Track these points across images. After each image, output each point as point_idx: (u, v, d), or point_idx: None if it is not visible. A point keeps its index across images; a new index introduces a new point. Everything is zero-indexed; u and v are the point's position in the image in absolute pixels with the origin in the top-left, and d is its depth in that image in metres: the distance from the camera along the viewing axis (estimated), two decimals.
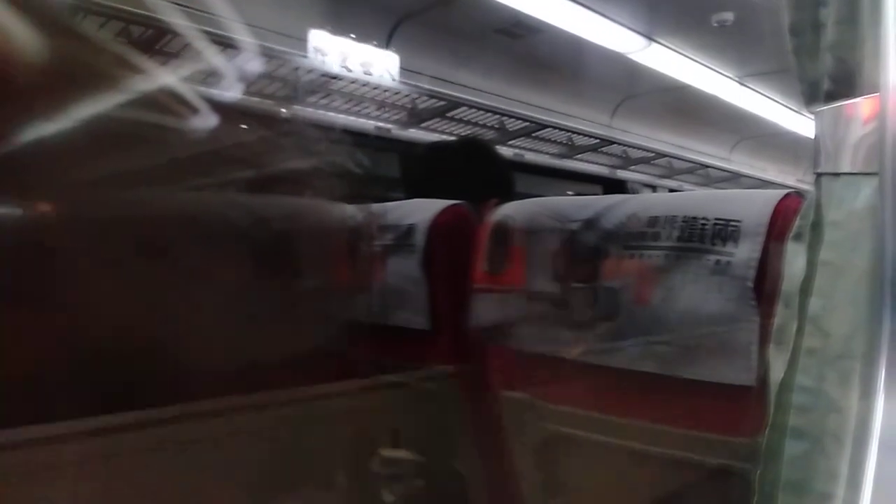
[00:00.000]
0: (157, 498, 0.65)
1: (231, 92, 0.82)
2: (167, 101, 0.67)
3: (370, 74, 2.17)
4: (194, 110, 0.69)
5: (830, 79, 0.51)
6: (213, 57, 0.89)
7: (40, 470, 0.60)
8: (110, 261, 0.63)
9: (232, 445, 0.73)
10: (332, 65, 1.94)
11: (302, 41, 2.14)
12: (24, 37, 0.58)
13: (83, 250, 0.62)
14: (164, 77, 0.75)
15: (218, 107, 0.71)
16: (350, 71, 2.05)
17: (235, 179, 0.76)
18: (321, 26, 2.20)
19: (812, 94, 0.54)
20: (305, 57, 2.08)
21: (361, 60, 2.15)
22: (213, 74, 0.84)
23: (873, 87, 0.47)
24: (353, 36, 2.21)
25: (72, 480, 0.61)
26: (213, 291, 0.71)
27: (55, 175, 0.61)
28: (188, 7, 0.88)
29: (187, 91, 0.69)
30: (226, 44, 0.99)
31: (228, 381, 0.69)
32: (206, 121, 0.69)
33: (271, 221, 0.79)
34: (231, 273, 0.74)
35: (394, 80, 2.28)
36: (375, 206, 1.22)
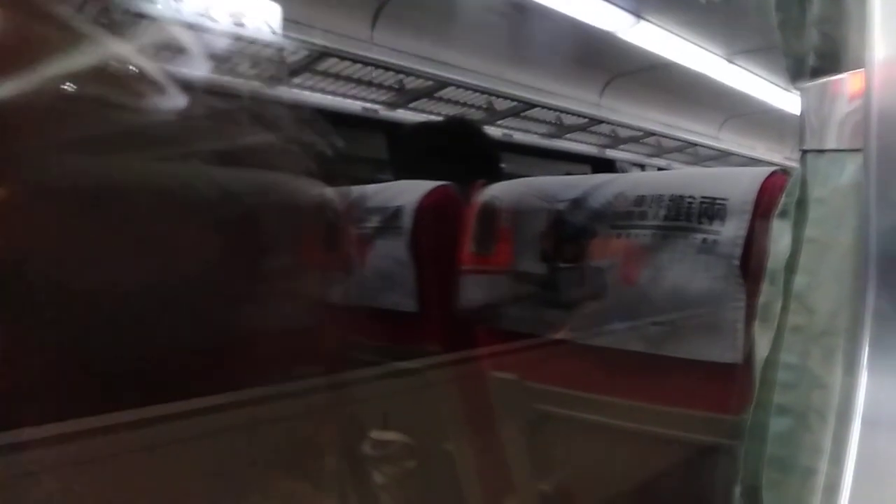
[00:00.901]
0: (143, 497, 0.65)
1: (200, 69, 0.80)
2: (121, 73, 0.66)
3: (241, 26, 1.84)
4: (150, 82, 0.68)
5: (816, 54, 0.51)
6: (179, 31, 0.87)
7: (31, 473, 0.59)
8: (73, 230, 0.62)
9: (221, 439, 0.72)
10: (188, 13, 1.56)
11: None
12: None
13: (43, 220, 0.60)
14: (118, 47, 0.73)
15: (175, 79, 0.69)
16: (214, 21, 1.68)
17: (198, 151, 0.74)
18: None
19: (797, 70, 0.53)
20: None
21: (231, 10, 1.78)
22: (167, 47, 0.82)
23: (858, 63, 0.47)
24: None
25: (63, 482, 0.61)
26: (181, 263, 0.70)
27: (10, 144, 0.60)
28: None
29: (142, 62, 0.68)
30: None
31: (194, 357, 0.68)
32: (162, 92, 0.68)
33: (238, 195, 0.77)
34: (198, 245, 0.72)
35: (275, 33, 1.96)
36: (356, 188, 1.21)
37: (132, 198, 0.66)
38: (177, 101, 0.69)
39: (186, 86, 0.70)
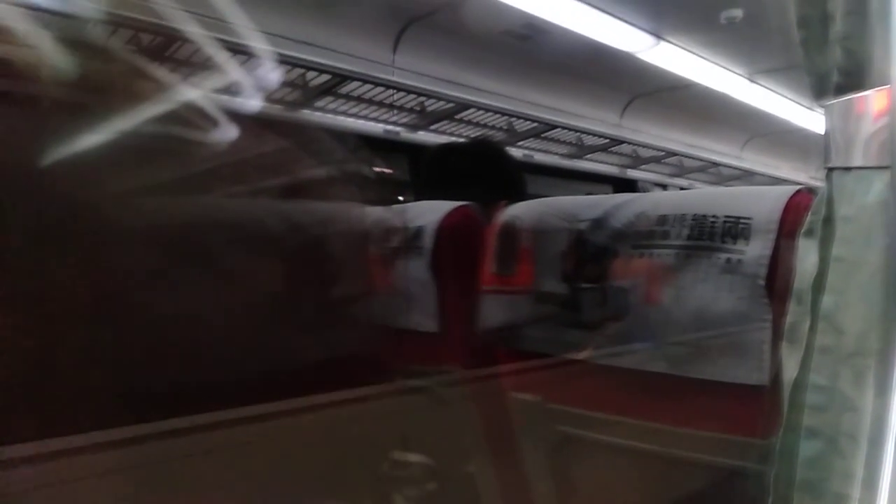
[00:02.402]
0: None
1: (250, 100, 0.82)
2: (189, 113, 0.68)
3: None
4: (216, 121, 0.69)
5: (840, 72, 0.50)
6: (230, 65, 0.89)
7: (56, 484, 0.60)
8: (155, 269, 0.64)
9: (257, 452, 0.73)
10: None
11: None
12: (51, 53, 0.59)
13: (127, 260, 0.63)
14: (185, 89, 0.76)
15: (238, 116, 0.71)
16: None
17: (265, 187, 0.77)
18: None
19: (821, 88, 0.53)
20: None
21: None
22: (231, 83, 0.85)
23: (883, 80, 0.47)
24: None
25: (93, 493, 0.61)
26: (254, 296, 0.72)
27: (90, 188, 0.62)
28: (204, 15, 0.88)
29: (208, 102, 0.70)
30: (238, 51, 0.99)
31: (266, 386, 0.70)
32: (228, 131, 0.69)
33: (305, 226, 0.79)
34: (270, 278, 0.74)
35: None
36: (388, 209, 1.23)
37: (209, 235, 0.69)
38: (238, 137, 0.71)
39: (247, 122, 0.72)
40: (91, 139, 0.61)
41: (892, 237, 0.45)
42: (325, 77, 2.15)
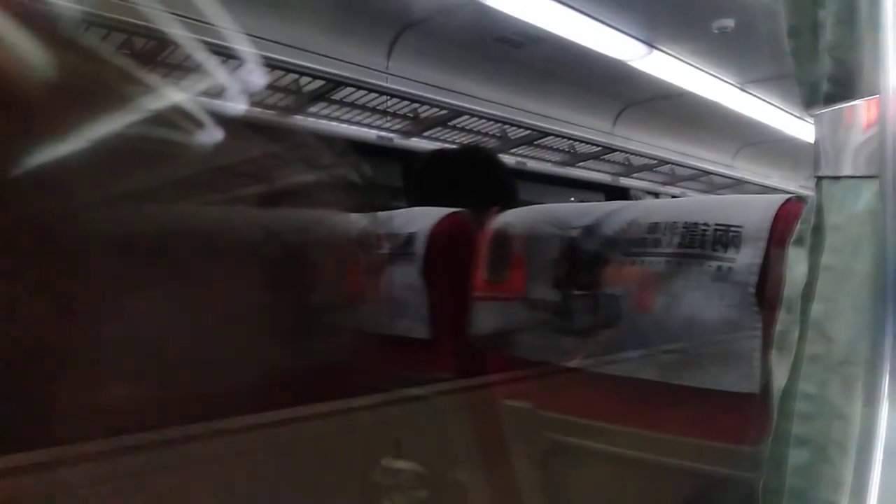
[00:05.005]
0: None
1: (237, 104, 0.82)
2: (174, 116, 0.67)
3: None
4: (201, 125, 0.69)
5: (829, 81, 0.51)
6: (218, 69, 0.89)
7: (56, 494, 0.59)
8: (128, 277, 0.63)
9: (241, 464, 0.72)
10: None
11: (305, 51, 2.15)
12: (31, 53, 0.58)
13: (101, 266, 0.62)
14: (170, 92, 0.75)
15: (224, 120, 0.71)
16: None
17: (245, 194, 0.76)
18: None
19: (811, 97, 0.53)
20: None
21: None
22: (218, 87, 0.84)
23: (873, 89, 0.47)
24: None
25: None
26: (232, 305, 0.71)
27: (66, 193, 0.61)
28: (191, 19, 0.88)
29: (193, 105, 0.69)
30: (228, 55, 0.99)
31: (245, 396, 0.69)
32: (213, 135, 0.69)
33: (284, 234, 0.79)
34: (248, 286, 0.74)
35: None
36: (380, 216, 1.22)
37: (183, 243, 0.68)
38: (220, 141, 0.70)
39: (229, 126, 0.71)
40: (65, 143, 0.60)
41: (881, 246, 0.45)
42: (318, 83, 2.15)
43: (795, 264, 0.54)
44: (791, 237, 0.55)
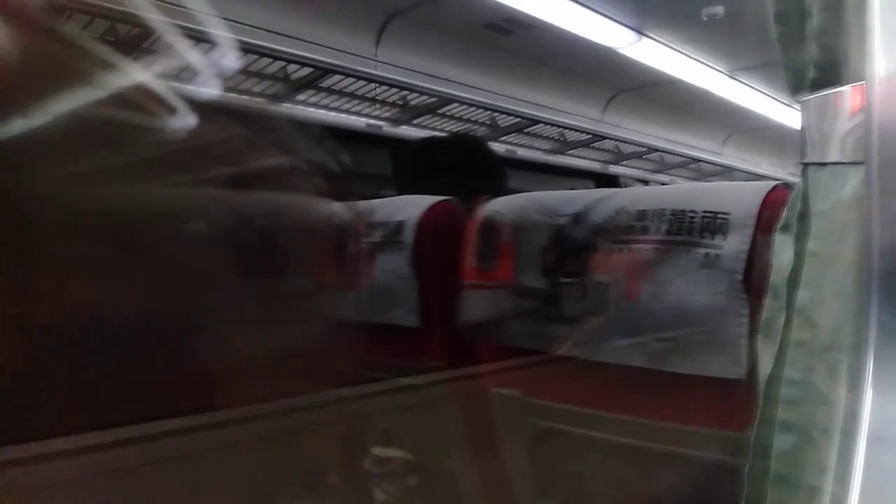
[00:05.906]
0: None
1: (209, 88, 0.80)
2: (143, 98, 0.66)
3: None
4: (172, 107, 0.68)
5: (816, 67, 0.51)
6: (192, 52, 0.87)
7: (43, 488, 0.59)
8: (94, 258, 0.62)
9: (228, 456, 0.72)
10: None
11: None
12: None
13: (64, 248, 0.61)
14: (141, 74, 0.74)
15: (196, 103, 0.70)
16: None
17: (216, 176, 0.75)
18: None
19: (797, 83, 0.53)
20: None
21: None
22: (190, 70, 0.83)
23: (859, 76, 0.47)
24: None
25: (75, 498, 0.60)
26: (199, 289, 0.70)
27: (31, 172, 0.60)
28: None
29: (164, 87, 0.68)
30: (203, 39, 0.97)
31: (216, 381, 0.68)
32: (184, 118, 0.68)
33: (255, 218, 0.77)
34: (216, 270, 0.73)
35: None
36: (363, 204, 1.21)
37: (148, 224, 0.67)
38: (190, 124, 0.69)
39: (199, 107, 0.70)
40: (27, 122, 0.59)
41: (866, 233, 0.45)
42: (306, 70, 2.13)
43: (782, 251, 0.54)
44: (778, 224, 0.55)
